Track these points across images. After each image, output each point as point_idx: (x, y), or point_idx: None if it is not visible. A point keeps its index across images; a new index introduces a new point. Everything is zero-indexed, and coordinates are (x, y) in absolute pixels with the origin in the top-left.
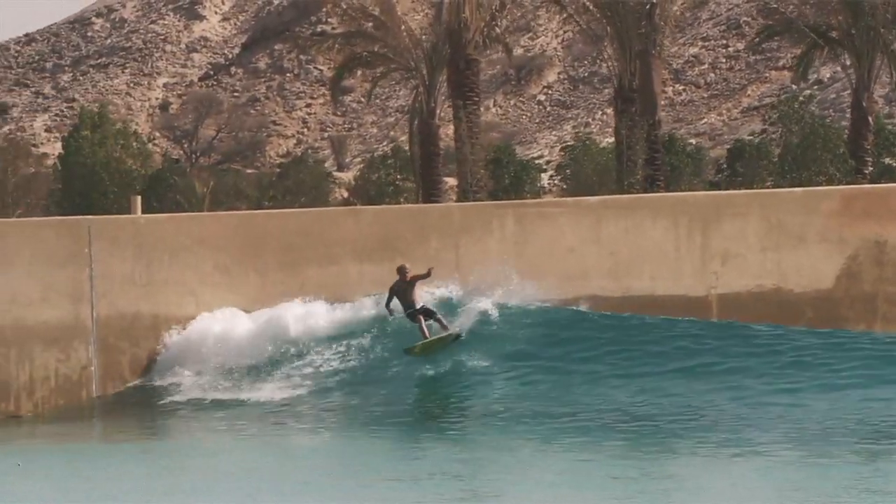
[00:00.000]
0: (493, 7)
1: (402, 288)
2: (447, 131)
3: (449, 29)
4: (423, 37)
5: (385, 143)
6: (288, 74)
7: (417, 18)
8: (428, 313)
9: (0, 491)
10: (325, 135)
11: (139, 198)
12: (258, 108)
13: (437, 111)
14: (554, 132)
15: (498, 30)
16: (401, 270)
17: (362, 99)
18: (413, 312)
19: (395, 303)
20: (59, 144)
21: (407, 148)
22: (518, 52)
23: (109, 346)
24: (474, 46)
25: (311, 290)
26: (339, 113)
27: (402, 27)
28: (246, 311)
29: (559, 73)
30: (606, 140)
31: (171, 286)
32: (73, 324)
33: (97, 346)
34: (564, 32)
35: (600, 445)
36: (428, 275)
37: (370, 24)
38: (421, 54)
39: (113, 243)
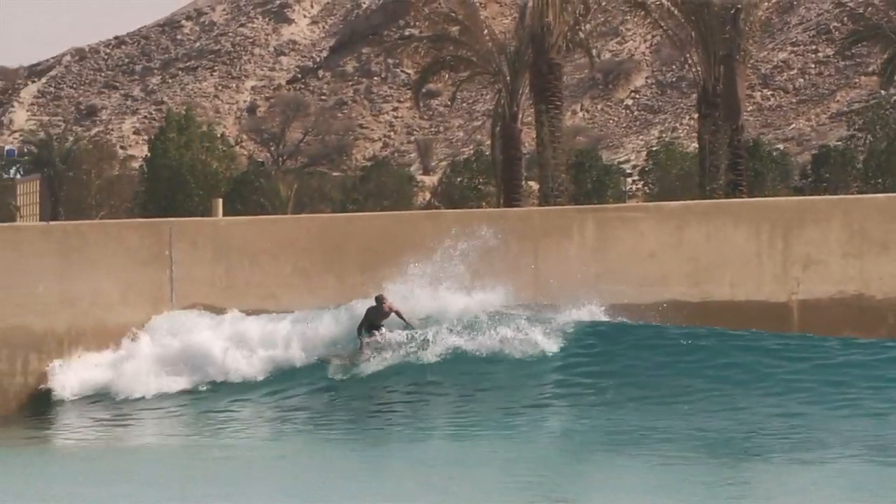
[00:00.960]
0: (577, 11)
1: (376, 316)
2: (532, 135)
3: (532, 33)
4: (507, 41)
5: (471, 147)
6: (375, 78)
7: (506, 22)
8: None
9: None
10: (412, 138)
11: (220, 200)
12: (345, 111)
13: (520, 115)
14: (641, 137)
15: (581, 34)
16: (379, 300)
17: (449, 102)
18: (364, 328)
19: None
20: (147, 147)
21: (489, 152)
22: (606, 56)
23: None
24: (557, 51)
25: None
26: (425, 116)
27: (486, 31)
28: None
29: (647, 78)
30: (693, 145)
31: (251, 289)
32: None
33: None
34: (652, 37)
35: (673, 454)
36: (409, 325)
37: (455, 28)
38: (504, 58)
39: (193, 245)
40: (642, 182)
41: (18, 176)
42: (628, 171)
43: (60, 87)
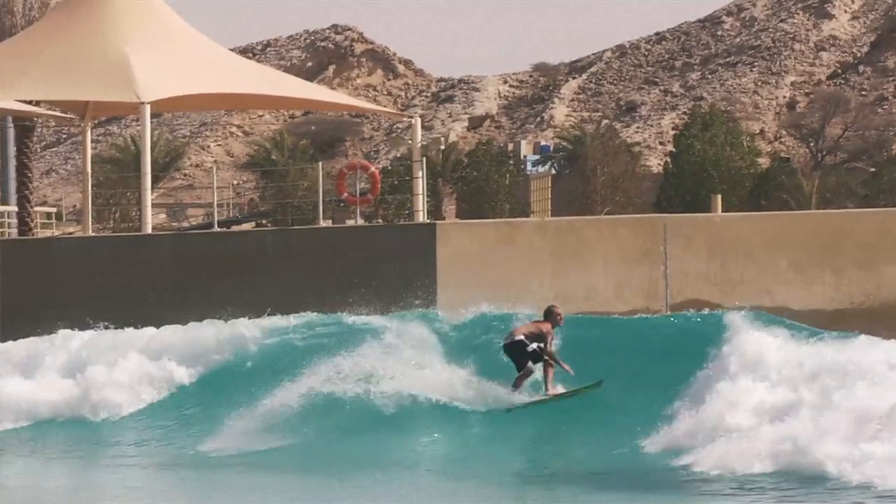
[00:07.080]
0: None
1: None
2: None
3: None
4: None
5: None
6: None
7: None
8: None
9: None
10: None
11: (719, 196)
12: (885, 106)
13: None
14: None
15: None
16: (552, 314)
17: None
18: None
19: None
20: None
21: None
22: None
23: None
24: None
25: (887, 290)
26: None
27: None
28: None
29: None
30: None
31: (745, 285)
32: None
33: None
34: None
35: None
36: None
37: None
38: None
39: (688, 241)
40: None
41: (553, 171)
42: None
43: (601, 83)
